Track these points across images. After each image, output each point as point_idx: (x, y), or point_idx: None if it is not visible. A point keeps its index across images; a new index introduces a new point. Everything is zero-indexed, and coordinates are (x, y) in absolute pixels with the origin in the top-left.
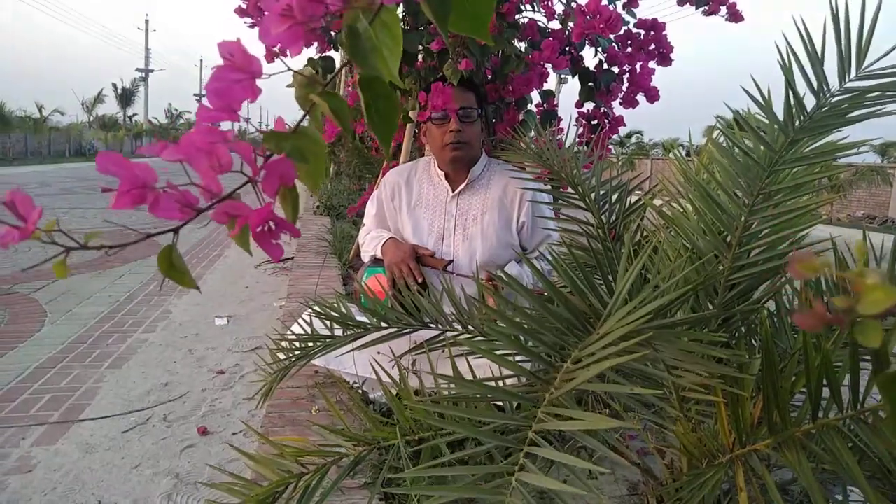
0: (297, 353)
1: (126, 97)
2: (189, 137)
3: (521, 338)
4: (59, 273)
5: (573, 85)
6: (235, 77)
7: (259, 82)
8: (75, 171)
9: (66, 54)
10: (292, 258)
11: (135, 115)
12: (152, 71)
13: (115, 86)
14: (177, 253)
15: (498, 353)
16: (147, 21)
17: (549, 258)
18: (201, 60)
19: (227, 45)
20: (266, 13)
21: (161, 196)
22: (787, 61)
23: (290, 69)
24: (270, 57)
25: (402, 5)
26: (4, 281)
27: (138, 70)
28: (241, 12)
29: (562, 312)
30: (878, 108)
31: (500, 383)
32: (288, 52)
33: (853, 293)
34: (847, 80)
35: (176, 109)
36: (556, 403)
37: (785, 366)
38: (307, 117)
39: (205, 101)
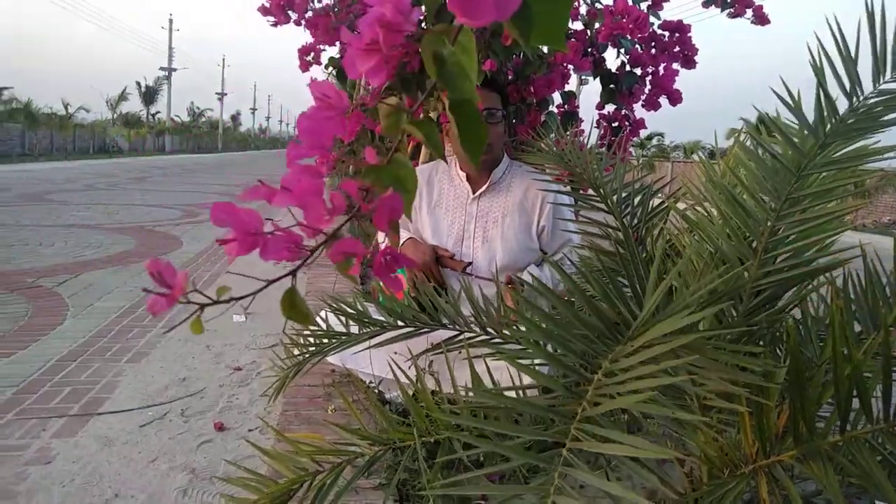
0: (312, 349)
1: (149, 95)
2: (300, 184)
3: (543, 343)
4: (195, 330)
5: (594, 86)
6: (326, 115)
7: (267, 72)
8: (98, 167)
9: (93, 53)
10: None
11: (157, 112)
12: (175, 70)
13: (138, 84)
14: (298, 295)
15: (520, 359)
16: (171, 21)
17: (572, 261)
18: (223, 59)
19: (319, 85)
20: (350, 47)
21: (269, 240)
22: (818, 61)
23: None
24: (305, 66)
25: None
26: (29, 274)
27: (162, 69)
28: (263, 11)
29: (590, 319)
30: None
31: (521, 392)
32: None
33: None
34: (882, 81)
35: (198, 108)
36: (591, 420)
37: (812, 375)
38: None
39: (294, 137)
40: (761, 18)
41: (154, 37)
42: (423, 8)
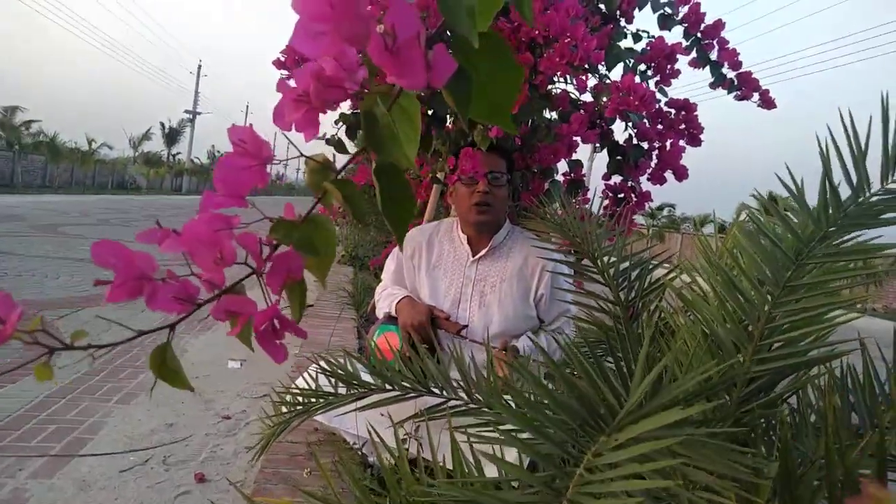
0: (298, 407)
1: (172, 136)
2: (192, 228)
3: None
4: (41, 376)
5: (603, 156)
6: (244, 164)
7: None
8: (115, 202)
9: (121, 92)
10: (311, 305)
11: (178, 153)
12: (199, 113)
13: (162, 125)
14: (171, 352)
15: (500, 425)
16: (199, 66)
17: (567, 333)
18: (247, 106)
19: (238, 130)
20: (282, 94)
21: (159, 288)
22: (825, 152)
23: (302, 155)
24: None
25: None
26: (30, 306)
27: (186, 112)
28: (279, 65)
29: (572, 405)
30: None
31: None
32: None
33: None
34: (890, 180)
35: (218, 151)
36: None
37: (805, 473)
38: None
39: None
40: (767, 102)
41: (181, 80)
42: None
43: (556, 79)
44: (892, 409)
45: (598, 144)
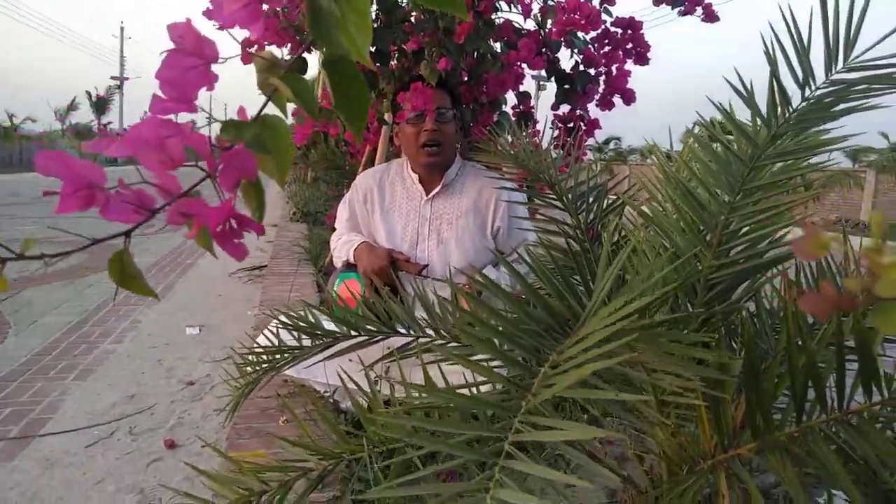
0: (264, 365)
1: (100, 105)
2: (137, 129)
3: (497, 341)
4: None
5: (550, 91)
6: (188, 63)
7: (224, 81)
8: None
9: (38, 61)
10: (265, 266)
11: (110, 123)
12: (127, 79)
13: (88, 94)
14: (129, 258)
15: (472, 358)
16: (122, 28)
17: (527, 260)
18: None
19: (177, 27)
20: None
21: (112, 197)
22: (772, 51)
23: (248, 52)
24: (247, 58)
25: (374, 1)
26: None
27: (113, 78)
28: (208, 14)
29: (540, 315)
30: (863, 101)
31: (475, 391)
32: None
33: (867, 274)
34: (833, 71)
35: None
36: (534, 412)
37: (767, 367)
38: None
39: (158, 90)
40: (710, 16)
41: (105, 45)
42: None
43: (499, 6)
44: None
45: (544, 82)
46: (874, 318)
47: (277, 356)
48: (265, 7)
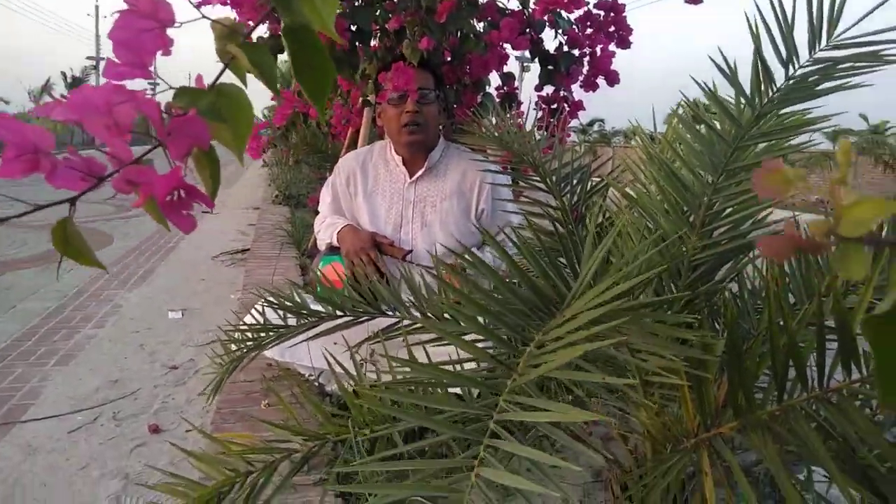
0: (249, 343)
1: (76, 85)
2: (83, 93)
3: (483, 320)
4: None
5: (534, 72)
6: (143, 26)
7: (201, 59)
8: None
9: (11, 41)
10: (248, 249)
11: None
12: (103, 59)
13: (64, 74)
14: (73, 227)
15: (458, 336)
16: (97, 7)
17: (513, 241)
18: None
19: None
20: None
21: (59, 163)
22: (755, 29)
23: (205, 17)
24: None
25: None
26: None
27: (89, 58)
28: None
29: (526, 295)
30: (847, 80)
31: (460, 366)
32: None
33: (833, 216)
34: (817, 49)
35: None
36: (520, 391)
37: (749, 347)
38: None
39: (111, 54)
40: None
41: (80, 24)
42: None
43: None
44: (827, 275)
45: (528, 63)
46: (833, 261)
47: (262, 334)
48: None
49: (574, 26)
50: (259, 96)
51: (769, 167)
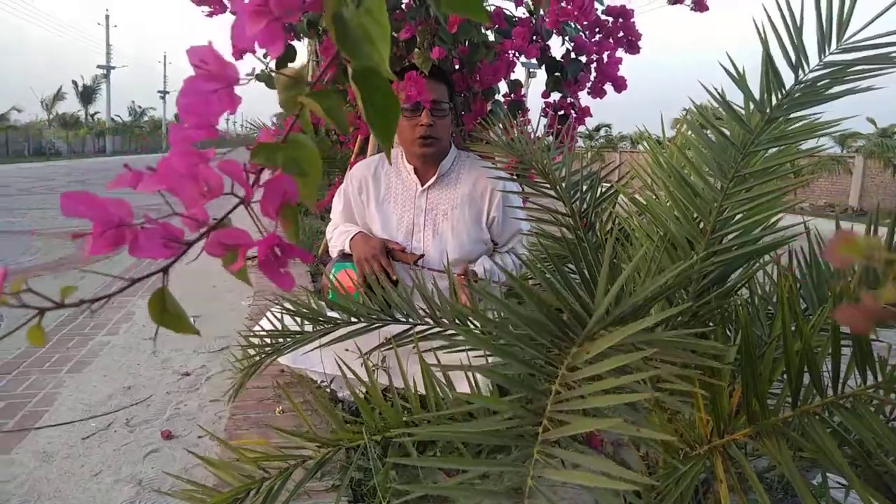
0: (267, 349)
1: (87, 94)
2: (167, 163)
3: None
4: (34, 340)
5: (541, 78)
6: (210, 87)
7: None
8: (35, 170)
9: (24, 50)
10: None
11: (97, 112)
12: (114, 68)
13: (75, 83)
14: (170, 296)
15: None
16: (108, 16)
17: (521, 252)
18: (165, 56)
19: (198, 50)
20: (237, 11)
21: (141, 234)
22: (763, 34)
23: (267, 68)
24: (238, 54)
25: None
26: None
27: (99, 67)
28: (198, 1)
29: (539, 317)
30: (857, 83)
31: (474, 380)
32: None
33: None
34: (827, 53)
35: (140, 107)
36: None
37: (763, 353)
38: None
39: (174, 117)
40: (699, 5)
41: (91, 33)
42: None
43: None
44: (840, 282)
45: (534, 69)
46: None
47: (280, 340)
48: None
49: (581, 33)
50: (265, 102)
51: (842, 237)
